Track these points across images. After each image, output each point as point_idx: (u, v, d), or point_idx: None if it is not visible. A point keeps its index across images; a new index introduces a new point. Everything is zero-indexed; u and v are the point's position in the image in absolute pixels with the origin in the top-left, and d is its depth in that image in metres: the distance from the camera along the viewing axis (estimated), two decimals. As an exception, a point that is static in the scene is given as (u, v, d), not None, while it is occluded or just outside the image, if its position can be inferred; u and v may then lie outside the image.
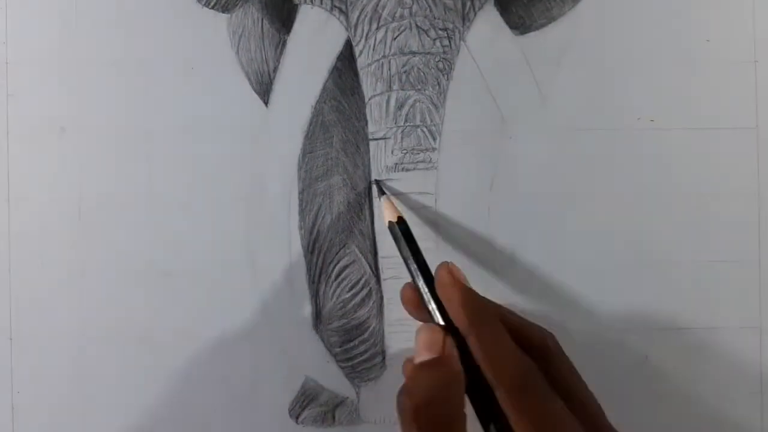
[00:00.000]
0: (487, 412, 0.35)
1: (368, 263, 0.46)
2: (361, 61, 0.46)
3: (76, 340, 0.46)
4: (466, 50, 0.46)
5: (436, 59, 0.46)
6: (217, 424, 0.46)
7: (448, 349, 0.36)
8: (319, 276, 0.46)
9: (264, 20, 0.46)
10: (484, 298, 0.38)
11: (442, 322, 0.38)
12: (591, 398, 0.37)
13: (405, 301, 0.40)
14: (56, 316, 0.45)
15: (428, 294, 0.39)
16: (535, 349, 0.36)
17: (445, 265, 0.39)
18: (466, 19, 0.46)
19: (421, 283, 0.39)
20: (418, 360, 0.36)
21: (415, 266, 0.40)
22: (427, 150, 0.46)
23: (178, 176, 0.46)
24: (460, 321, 0.37)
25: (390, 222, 0.42)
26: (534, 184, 0.46)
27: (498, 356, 0.35)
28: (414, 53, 0.45)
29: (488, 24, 0.46)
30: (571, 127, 0.46)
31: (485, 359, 0.35)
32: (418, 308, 0.39)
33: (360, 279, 0.46)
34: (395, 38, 0.45)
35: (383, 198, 0.44)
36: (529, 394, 0.34)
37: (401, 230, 0.41)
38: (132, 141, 0.46)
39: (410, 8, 0.45)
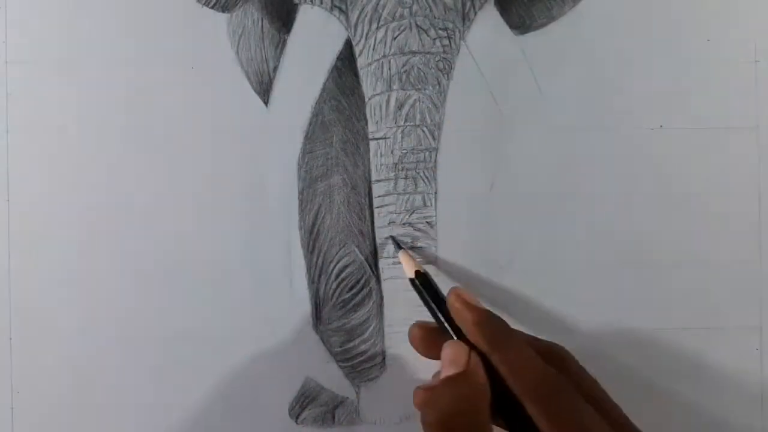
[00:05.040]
0: (517, 423, 0.35)
1: (368, 263, 0.46)
2: (361, 61, 0.46)
3: (76, 340, 0.46)
4: (466, 50, 0.46)
5: (436, 59, 0.46)
6: (217, 424, 0.46)
7: (473, 364, 0.37)
8: (319, 276, 0.46)
9: (264, 20, 0.46)
10: (498, 317, 0.39)
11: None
12: (616, 406, 0.38)
13: (413, 340, 0.41)
14: (56, 316, 0.45)
15: (452, 332, 0.40)
16: (555, 362, 0.37)
17: (454, 290, 0.40)
18: (466, 18, 0.46)
19: (450, 330, 0.40)
20: (444, 374, 0.37)
21: (442, 317, 0.40)
22: (427, 150, 0.46)
23: (177, 176, 0.46)
24: (478, 341, 0.38)
25: (410, 279, 0.42)
26: (534, 184, 0.46)
27: (523, 367, 0.36)
28: (414, 53, 0.45)
29: (488, 24, 0.46)
30: (571, 126, 0.46)
31: (511, 372, 0.36)
32: (426, 346, 0.41)
33: (360, 279, 0.46)
34: (395, 38, 0.45)
35: (401, 252, 0.44)
36: (559, 400, 0.35)
37: (422, 284, 0.42)
38: (132, 141, 0.46)
39: (410, 8, 0.45)
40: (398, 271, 0.45)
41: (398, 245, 0.45)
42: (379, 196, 0.46)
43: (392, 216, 0.46)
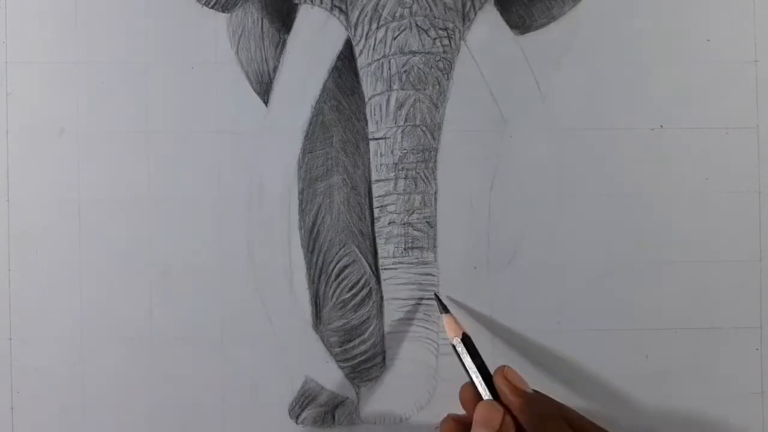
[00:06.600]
0: None
1: (368, 263, 0.46)
2: (361, 61, 0.46)
3: (76, 340, 0.46)
4: (466, 50, 0.46)
5: (437, 59, 0.46)
6: (218, 424, 0.46)
7: (505, 428, 0.38)
8: (319, 276, 0.46)
9: (264, 20, 0.46)
10: (544, 400, 0.40)
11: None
12: None
13: (464, 402, 0.41)
14: (56, 316, 0.45)
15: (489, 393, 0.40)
16: None
17: (501, 371, 0.40)
18: (466, 18, 0.46)
19: (487, 396, 0.40)
20: None
21: (481, 380, 0.41)
22: (427, 150, 0.46)
23: (177, 176, 0.46)
24: (524, 422, 0.39)
25: (456, 339, 0.42)
26: (534, 184, 0.46)
27: None
28: (414, 53, 0.45)
29: (488, 24, 0.46)
30: (571, 126, 0.46)
31: None
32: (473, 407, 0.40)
33: (360, 279, 0.46)
34: (395, 38, 0.45)
35: (445, 316, 0.43)
36: None
37: (467, 347, 0.42)
38: (132, 141, 0.46)
39: (410, 8, 0.45)
40: (398, 271, 0.45)
41: (444, 307, 0.44)
42: (379, 196, 0.46)
43: (392, 216, 0.46)
